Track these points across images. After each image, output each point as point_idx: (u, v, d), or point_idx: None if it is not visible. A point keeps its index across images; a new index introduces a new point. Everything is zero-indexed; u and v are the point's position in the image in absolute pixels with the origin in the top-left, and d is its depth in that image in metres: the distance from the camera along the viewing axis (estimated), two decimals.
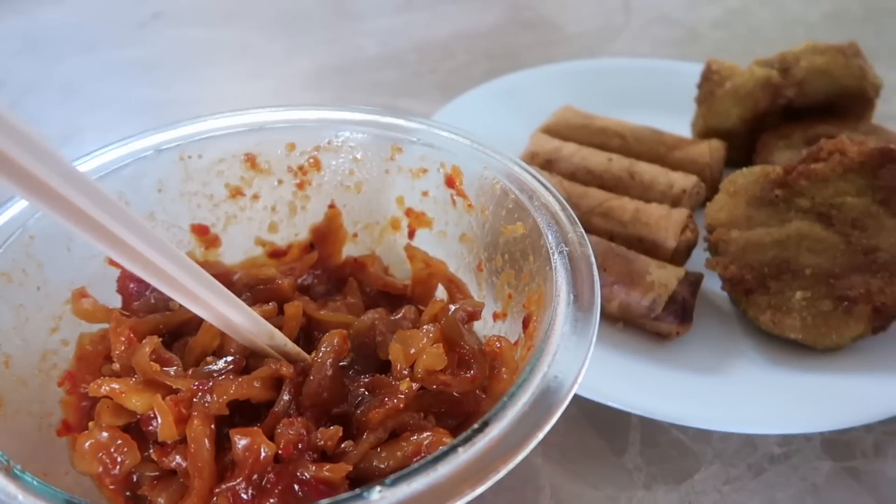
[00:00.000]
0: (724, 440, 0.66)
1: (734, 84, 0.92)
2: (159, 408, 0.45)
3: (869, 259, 0.72)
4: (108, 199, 0.37)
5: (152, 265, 0.41)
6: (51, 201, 0.35)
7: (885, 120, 0.95)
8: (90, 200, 0.36)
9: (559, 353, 0.43)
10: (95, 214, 0.37)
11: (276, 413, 0.47)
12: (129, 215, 0.39)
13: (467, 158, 0.59)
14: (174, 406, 0.45)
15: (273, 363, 0.49)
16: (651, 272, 0.74)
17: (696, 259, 0.80)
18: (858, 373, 0.68)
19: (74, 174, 0.35)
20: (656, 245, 0.79)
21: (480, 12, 1.53)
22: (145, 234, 0.40)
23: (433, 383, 0.48)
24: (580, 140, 0.95)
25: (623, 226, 0.81)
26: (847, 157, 0.75)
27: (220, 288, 0.46)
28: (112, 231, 0.38)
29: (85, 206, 0.36)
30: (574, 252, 0.50)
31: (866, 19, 1.48)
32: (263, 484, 0.44)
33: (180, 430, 0.45)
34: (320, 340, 0.50)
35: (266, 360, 0.50)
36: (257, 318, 0.49)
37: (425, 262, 0.62)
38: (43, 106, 1.23)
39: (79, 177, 0.35)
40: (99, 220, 0.37)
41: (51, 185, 0.34)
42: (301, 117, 0.63)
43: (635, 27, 1.48)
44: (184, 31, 1.50)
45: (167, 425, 0.45)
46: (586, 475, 0.64)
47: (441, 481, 0.36)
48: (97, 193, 0.36)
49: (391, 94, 1.26)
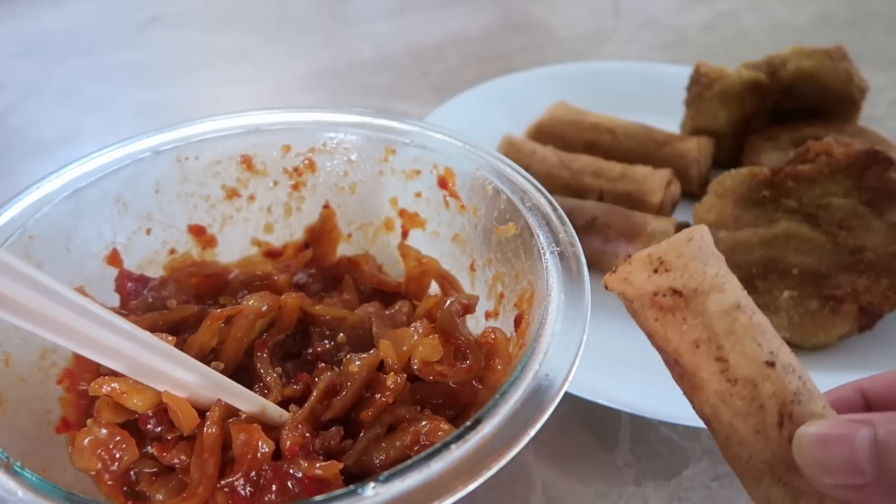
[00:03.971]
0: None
1: (722, 86, 0.93)
2: (172, 401, 0.45)
3: (855, 259, 0.72)
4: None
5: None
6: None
7: (871, 122, 0.96)
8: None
9: (550, 352, 0.43)
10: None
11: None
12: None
13: (460, 160, 0.59)
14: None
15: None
16: (650, 223, 0.80)
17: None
18: (845, 371, 0.69)
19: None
20: (643, 199, 0.86)
21: (473, 16, 1.54)
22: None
23: (430, 374, 0.49)
24: (572, 135, 0.97)
25: (612, 182, 0.88)
26: (833, 158, 0.76)
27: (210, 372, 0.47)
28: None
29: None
30: (565, 252, 0.50)
31: (852, 23, 1.49)
32: (260, 481, 0.44)
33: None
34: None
35: None
36: (247, 392, 0.49)
37: (418, 260, 0.63)
38: (42, 108, 1.24)
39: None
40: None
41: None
42: (296, 119, 0.64)
43: (625, 31, 1.49)
44: (181, 34, 1.50)
45: (188, 416, 0.45)
46: (577, 471, 0.64)
47: (434, 478, 0.36)
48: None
49: (385, 97, 1.26)
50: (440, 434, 0.46)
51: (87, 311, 0.38)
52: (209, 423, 0.46)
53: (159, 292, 0.57)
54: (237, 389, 0.47)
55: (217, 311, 0.53)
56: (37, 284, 0.36)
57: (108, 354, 0.41)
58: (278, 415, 0.49)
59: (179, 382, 0.45)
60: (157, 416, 0.47)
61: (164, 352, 0.43)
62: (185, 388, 0.45)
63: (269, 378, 0.52)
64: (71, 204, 0.55)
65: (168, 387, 0.45)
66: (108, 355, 0.41)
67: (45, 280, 0.36)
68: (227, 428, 0.46)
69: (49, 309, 0.36)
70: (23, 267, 0.35)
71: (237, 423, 0.46)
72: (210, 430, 0.45)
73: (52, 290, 0.37)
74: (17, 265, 0.35)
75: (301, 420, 0.47)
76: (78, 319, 0.38)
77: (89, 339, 0.39)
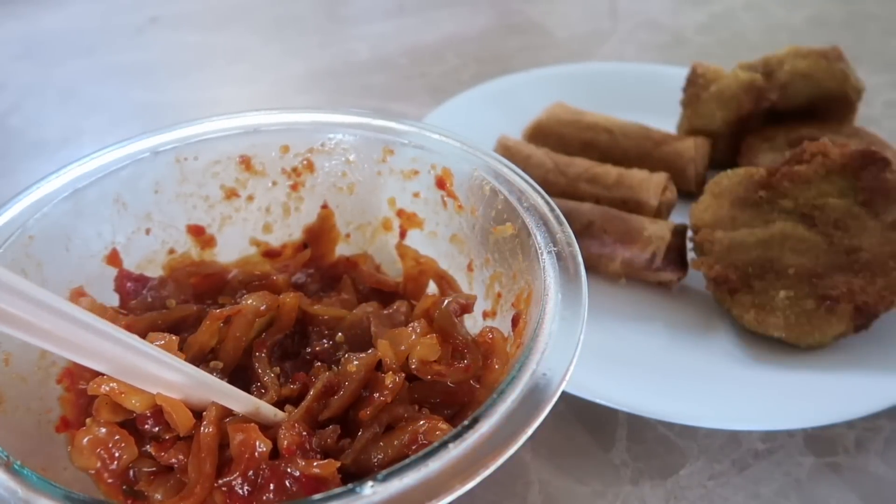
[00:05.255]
0: (710, 436, 0.67)
1: (719, 87, 0.94)
2: (166, 402, 0.45)
3: (851, 259, 0.73)
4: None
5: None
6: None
7: (867, 123, 0.97)
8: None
9: (548, 351, 0.43)
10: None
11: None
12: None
13: (457, 160, 0.60)
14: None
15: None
16: (646, 227, 0.80)
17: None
18: (840, 370, 0.69)
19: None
20: (639, 205, 0.85)
21: (470, 17, 1.54)
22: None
23: (428, 373, 0.49)
24: (570, 135, 0.98)
25: (608, 189, 0.87)
26: (829, 159, 0.76)
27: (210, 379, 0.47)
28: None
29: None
30: (562, 252, 0.50)
31: (848, 24, 1.50)
32: (258, 480, 0.44)
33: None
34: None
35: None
36: (241, 394, 0.49)
37: (416, 260, 0.63)
38: (42, 109, 1.24)
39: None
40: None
41: None
42: (295, 120, 0.64)
43: (622, 32, 1.49)
44: (180, 35, 1.50)
45: (183, 416, 0.45)
46: (574, 470, 0.65)
47: (432, 476, 0.37)
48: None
49: (383, 98, 1.26)
50: (438, 433, 0.46)
51: (75, 318, 0.38)
52: (206, 423, 0.46)
53: (158, 292, 0.57)
54: (229, 391, 0.48)
55: (216, 311, 0.53)
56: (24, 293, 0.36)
57: (97, 359, 0.41)
58: (273, 415, 0.49)
59: (171, 384, 0.45)
60: (155, 415, 0.47)
61: (153, 356, 0.43)
62: (178, 389, 0.45)
63: (267, 378, 0.52)
64: (70, 204, 0.55)
65: (161, 389, 0.45)
66: (98, 360, 0.41)
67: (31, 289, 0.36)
68: (225, 427, 0.46)
69: (36, 317, 0.37)
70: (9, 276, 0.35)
71: (234, 423, 0.46)
72: (207, 429, 0.46)
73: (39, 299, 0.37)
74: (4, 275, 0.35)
75: (298, 419, 0.47)
76: (65, 326, 0.38)
77: (77, 345, 0.39)
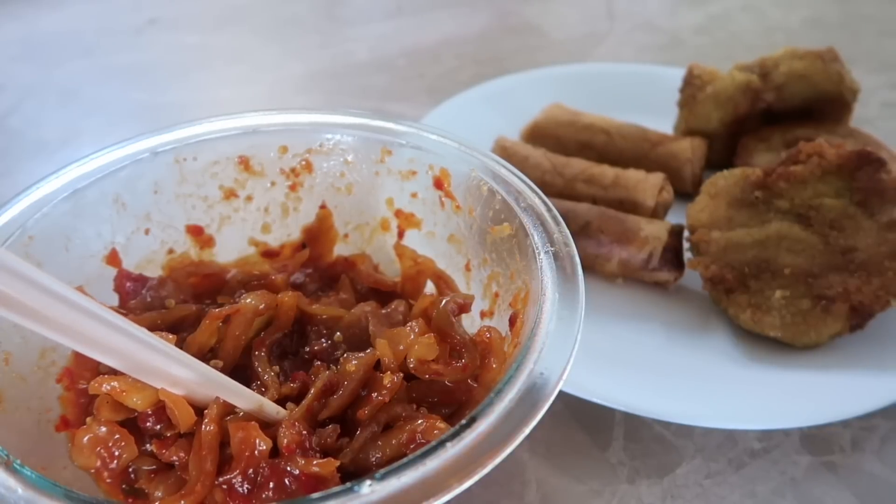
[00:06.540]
0: (706, 435, 0.67)
1: (715, 88, 0.94)
2: (169, 398, 0.45)
3: (846, 259, 0.73)
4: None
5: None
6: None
7: (863, 123, 0.97)
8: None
9: (545, 351, 0.44)
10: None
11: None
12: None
13: (455, 161, 0.60)
14: None
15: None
16: (643, 228, 0.80)
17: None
18: (836, 370, 0.70)
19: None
20: (636, 206, 0.86)
21: (468, 19, 1.55)
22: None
23: (425, 373, 0.49)
24: (567, 136, 0.98)
25: (605, 189, 0.88)
26: (825, 159, 0.76)
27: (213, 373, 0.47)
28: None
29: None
30: (559, 252, 0.51)
31: (844, 25, 1.50)
32: (258, 479, 0.45)
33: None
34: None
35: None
36: (244, 390, 0.49)
37: (414, 260, 0.63)
38: (42, 110, 1.24)
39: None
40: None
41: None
42: (293, 121, 0.64)
43: (619, 33, 1.50)
44: (179, 36, 1.50)
45: (184, 413, 0.45)
46: (571, 469, 0.65)
47: (430, 475, 0.37)
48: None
49: (381, 98, 1.27)
50: (436, 432, 0.46)
51: (86, 309, 0.39)
52: (207, 421, 0.46)
53: (158, 292, 0.57)
54: (234, 387, 0.48)
55: (216, 311, 0.53)
56: (37, 283, 0.36)
57: (106, 351, 0.41)
58: (275, 412, 0.49)
59: (177, 380, 0.45)
60: (156, 413, 0.47)
61: (161, 349, 0.44)
62: (183, 385, 0.46)
63: (267, 376, 0.52)
64: (70, 204, 0.55)
65: (166, 384, 0.45)
66: (106, 352, 0.41)
67: (44, 279, 0.37)
68: (225, 425, 0.46)
69: (48, 307, 0.37)
70: (23, 266, 0.36)
71: (235, 421, 0.46)
72: (208, 427, 0.46)
73: (52, 288, 0.37)
74: (18, 264, 0.35)
75: (298, 418, 0.48)
76: (76, 317, 0.38)
77: (87, 337, 0.39)
